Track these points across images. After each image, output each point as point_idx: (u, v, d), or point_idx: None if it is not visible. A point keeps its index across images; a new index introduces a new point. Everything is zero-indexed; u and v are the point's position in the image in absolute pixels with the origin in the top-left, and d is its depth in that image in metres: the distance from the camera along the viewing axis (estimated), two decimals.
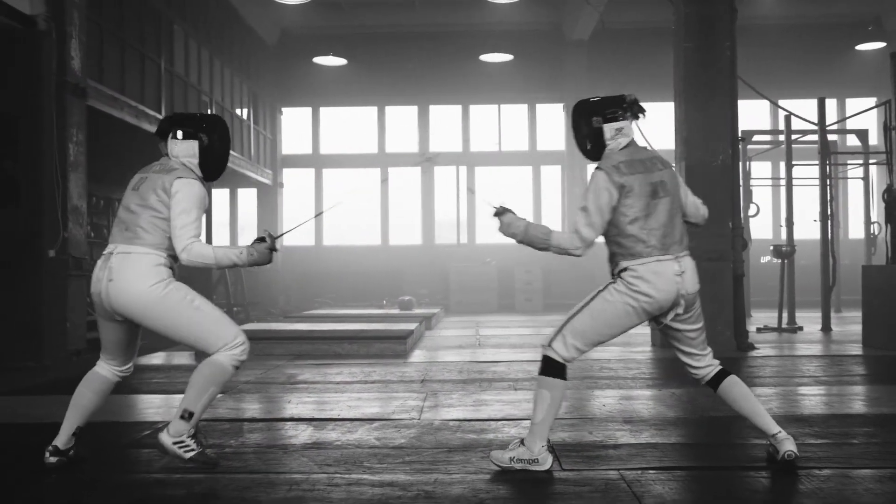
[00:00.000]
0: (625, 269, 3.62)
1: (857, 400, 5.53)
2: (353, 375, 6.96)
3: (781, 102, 12.35)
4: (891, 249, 8.84)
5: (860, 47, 17.88)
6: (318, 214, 4.96)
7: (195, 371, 3.66)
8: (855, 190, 17.71)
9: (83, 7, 8.84)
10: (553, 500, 3.27)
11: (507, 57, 18.22)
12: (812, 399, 5.63)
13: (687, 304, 3.63)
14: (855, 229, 18.13)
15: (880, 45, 17.54)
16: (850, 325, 10.76)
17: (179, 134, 3.78)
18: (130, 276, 3.58)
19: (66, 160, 8.34)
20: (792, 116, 11.77)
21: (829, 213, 10.99)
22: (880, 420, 4.71)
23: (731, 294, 8.44)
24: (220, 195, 18.51)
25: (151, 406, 5.64)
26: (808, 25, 17.83)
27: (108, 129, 10.74)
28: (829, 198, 11.01)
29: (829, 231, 11.00)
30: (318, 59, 18.21)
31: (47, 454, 3.72)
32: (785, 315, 10.94)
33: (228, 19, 15.74)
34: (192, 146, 3.78)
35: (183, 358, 8.46)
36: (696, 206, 3.89)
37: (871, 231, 14.65)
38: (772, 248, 11.71)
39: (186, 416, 3.60)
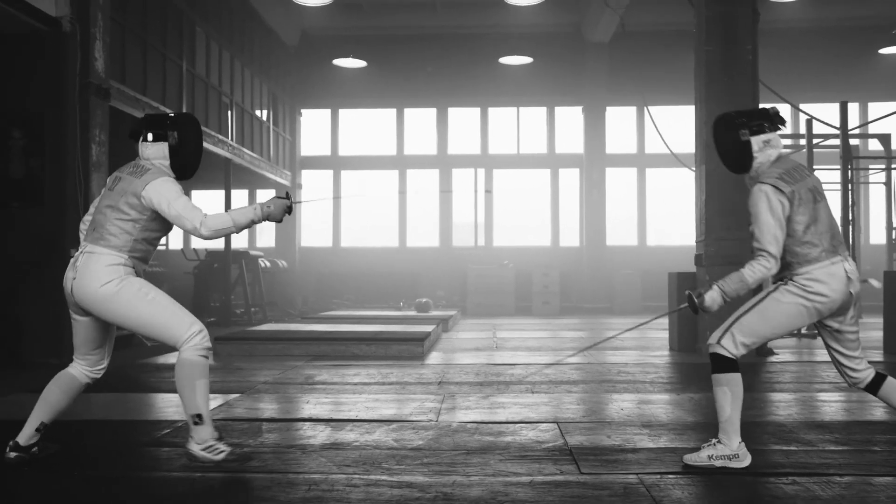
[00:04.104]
0: (799, 275, 3.73)
1: (878, 407, 5.47)
2: (371, 377, 6.98)
3: (803, 106, 12.27)
4: None
5: (883, 51, 17.72)
6: (337, 198, 5.03)
7: (175, 379, 3.72)
8: (877, 195, 17.55)
9: (107, 9, 8.92)
10: (573, 502, 3.26)
11: (527, 59, 18.20)
12: (832, 405, 5.59)
13: (854, 303, 3.77)
14: (876, 234, 17.96)
15: None
16: (871, 332, 10.65)
17: (149, 136, 3.82)
18: (88, 275, 3.65)
19: (88, 160, 8.42)
20: (813, 120, 11.68)
21: (850, 217, 10.90)
22: None
23: None
24: (239, 196, 18.62)
25: (171, 405, 5.68)
26: (829, 29, 17.70)
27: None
28: (850, 202, 10.92)
29: (851, 236, 10.91)
30: (338, 61, 18.27)
31: (7, 450, 3.77)
32: None
33: (250, 21, 15.83)
34: (162, 148, 3.80)
35: None
36: None
37: (893, 236, 14.52)
38: None
39: (198, 420, 3.66)
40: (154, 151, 3.81)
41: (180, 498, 3.39)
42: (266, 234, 19.21)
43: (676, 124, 14.89)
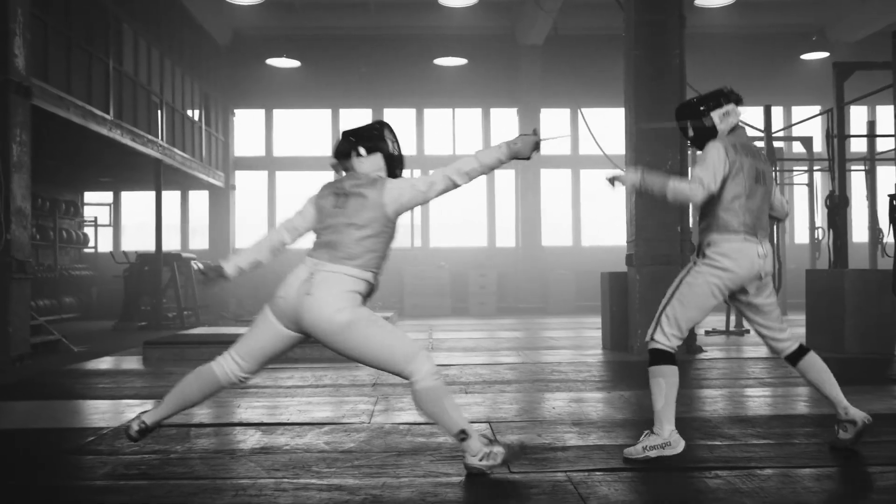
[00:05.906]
0: (709, 245, 3.89)
1: (800, 401, 5.66)
2: (305, 379, 6.92)
3: None
4: (833, 254, 9.06)
5: (805, 57, 18.33)
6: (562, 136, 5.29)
7: (422, 409, 3.64)
8: (800, 196, 18.15)
9: (27, 4, 8.65)
10: (500, 502, 3.28)
11: (462, 61, 18.28)
12: (756, 400, 5.75)
13: (764, 280, 3.96)
14: (800, 234, 18.56)
15: (824, 55, 18.00)
16: (794, 328, 10.95)
17: (363, 151, 3.80)
18: (327, 297, 3.57)
19: (9, 160, 8.16)
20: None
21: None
22: (821, 420, 4.82)
23: None
24: (171, 197, 18.25)
25: (97, 412, 5.54)
26: (754, 35, 18.22)
27: (54, 130, 10.52)
28: None
29: (775, 236, 11.24)
30: (271, 61, 18.06)
31: (135, 424, 3.77)
32: (732, 318, 11.14)
33: (179, 19, 15.53)
34: (378, 159, 3.81)
35: (131, 363, 8.32)
36: (781, 203, 4.24)
37: (815, 236, 15.03)
38: None
39: (464, 435, 3.60)
40: (371, 164, 3.79)
41: None
42: (199, 236, 18.87)
43: (609, 126, 15.12)
